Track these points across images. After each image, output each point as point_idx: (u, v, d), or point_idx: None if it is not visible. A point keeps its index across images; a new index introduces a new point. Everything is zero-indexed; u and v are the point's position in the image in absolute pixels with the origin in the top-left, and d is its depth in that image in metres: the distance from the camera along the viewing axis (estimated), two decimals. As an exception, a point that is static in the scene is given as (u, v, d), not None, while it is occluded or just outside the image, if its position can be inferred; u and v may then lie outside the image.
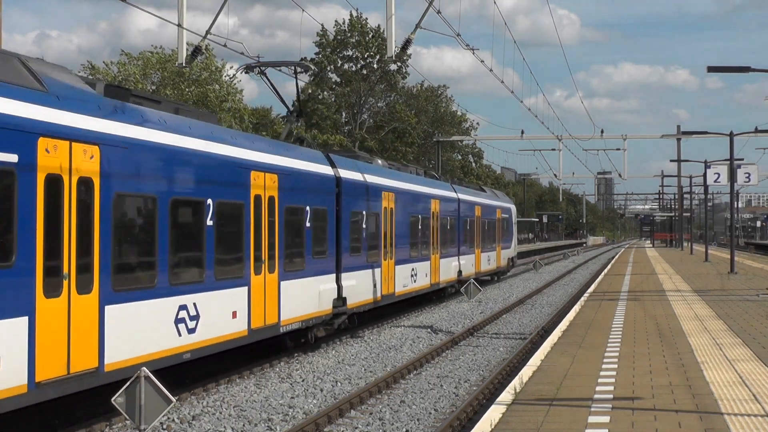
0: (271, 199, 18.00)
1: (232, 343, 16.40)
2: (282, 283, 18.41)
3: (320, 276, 20.60)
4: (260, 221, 17.52)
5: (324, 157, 21.94)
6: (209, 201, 15.49)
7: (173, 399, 11.41)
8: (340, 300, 21.78)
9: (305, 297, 19.68)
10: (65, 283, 11.80)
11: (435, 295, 33.68)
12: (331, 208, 21.50)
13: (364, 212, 23.88)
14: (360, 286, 23.24)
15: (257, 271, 17.35)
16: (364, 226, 23.78)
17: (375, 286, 24.58)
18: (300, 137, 23.33)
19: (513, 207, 52.20)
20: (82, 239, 12.16)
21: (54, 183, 11.68)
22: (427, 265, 30.64)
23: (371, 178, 24.74)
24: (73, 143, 12.02)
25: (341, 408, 14.50)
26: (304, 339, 20.30)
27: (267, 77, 22.27)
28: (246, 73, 22.07)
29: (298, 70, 22.93)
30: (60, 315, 11.71)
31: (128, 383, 11.24)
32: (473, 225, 38.99)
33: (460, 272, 35.93)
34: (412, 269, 28.62)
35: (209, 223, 15.47)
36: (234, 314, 16.37)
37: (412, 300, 30.05)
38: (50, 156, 11.62)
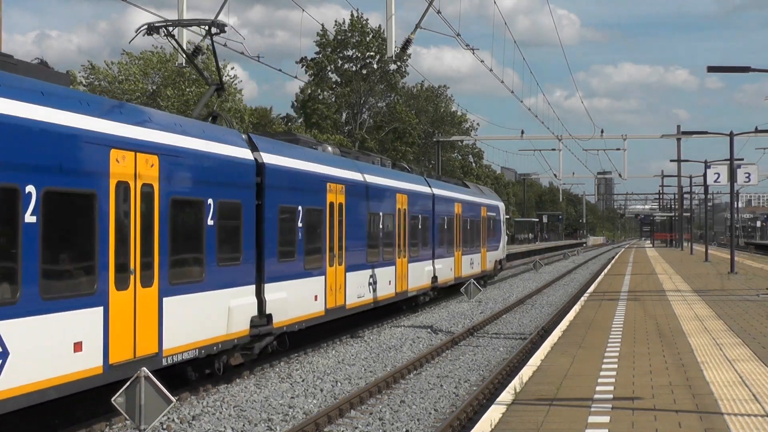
0: (147, 188, 13.71)
1: (76, 385, 12.01)
2: (165, 299, 14.02)
3: (230, 288, 16.25)
4: (127, 218, 13.27)
5: (242, 139, 17.53)
6: (30, 189, 11.15)
7: (173, 399, 11.42)
8: (263, 318, 17.54)
9: (205, 316, 15.37)
10: None
11: (405, 305, 29.57)
12: (249, 201, 17.13)
13: (299, 208, 19.48)
14: (293, 300, 18.89)
15: (121, 285, 12.98)
16: (299, 225, 19.47)
17: (316, 298, 20.37)
18: (214, 113, 19.45)
19: (501, 204, 48.18)
20: None
21: None
22: (391, 270, 26.40)
23: (311, 166, 20.51)
24: None
25: (341, 408, 14.50)
26: (209, 370, 16.31)
27: (176, 39, 19.33)
28: (149, 35, 18.13)
29: (213, 30, 18.67)
30: None
31: (128, 383, 11.24)
32: (452, 224, 34.75)
33: (435, 278, 31.61)
34: (371, 276, 24.38)
35: (29, 219, 11.15)
36: (78, 346, 12.03)
37: (375, 312, 26.17)
38: None
